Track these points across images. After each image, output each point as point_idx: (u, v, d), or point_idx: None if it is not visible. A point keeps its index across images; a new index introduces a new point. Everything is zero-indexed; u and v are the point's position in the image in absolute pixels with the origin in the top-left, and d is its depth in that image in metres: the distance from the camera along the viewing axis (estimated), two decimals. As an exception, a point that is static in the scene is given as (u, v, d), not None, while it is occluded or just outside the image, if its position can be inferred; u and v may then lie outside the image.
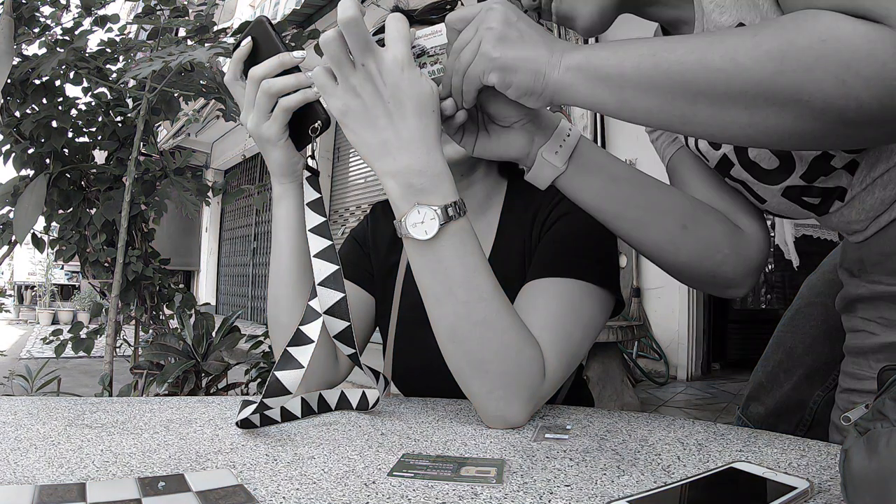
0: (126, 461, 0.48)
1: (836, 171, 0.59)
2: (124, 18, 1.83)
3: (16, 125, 1.73)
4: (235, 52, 0.65)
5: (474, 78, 0.54)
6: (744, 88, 0.46)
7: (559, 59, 0.52)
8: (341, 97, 0.56)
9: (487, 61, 0.53)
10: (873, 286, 0.64)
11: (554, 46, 0.53)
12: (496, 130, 0.63)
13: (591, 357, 2.91)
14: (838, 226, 0.66)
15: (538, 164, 0.63)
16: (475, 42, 0.54)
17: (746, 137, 0.50)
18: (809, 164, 0.60)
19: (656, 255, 0.67)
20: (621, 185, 0.64)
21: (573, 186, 0.64)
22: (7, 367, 2.23)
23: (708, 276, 0.67)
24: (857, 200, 0.61)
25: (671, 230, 0.65)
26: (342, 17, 0.52)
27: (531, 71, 0.52)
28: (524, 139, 0.62)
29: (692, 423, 0.62)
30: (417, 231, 0.56)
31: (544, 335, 0.64)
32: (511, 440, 0.57)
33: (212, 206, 10.15)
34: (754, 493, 0.42)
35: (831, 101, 0.44)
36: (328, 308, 0.64)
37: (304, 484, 0.44)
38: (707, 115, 0.49)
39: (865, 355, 0.66)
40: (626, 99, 0.51)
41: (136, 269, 1.88)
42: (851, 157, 0.58)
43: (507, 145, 0.63)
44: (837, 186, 0.61)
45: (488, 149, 0.63)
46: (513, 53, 0.52)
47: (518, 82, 0.53)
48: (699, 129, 0.51)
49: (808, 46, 0.44)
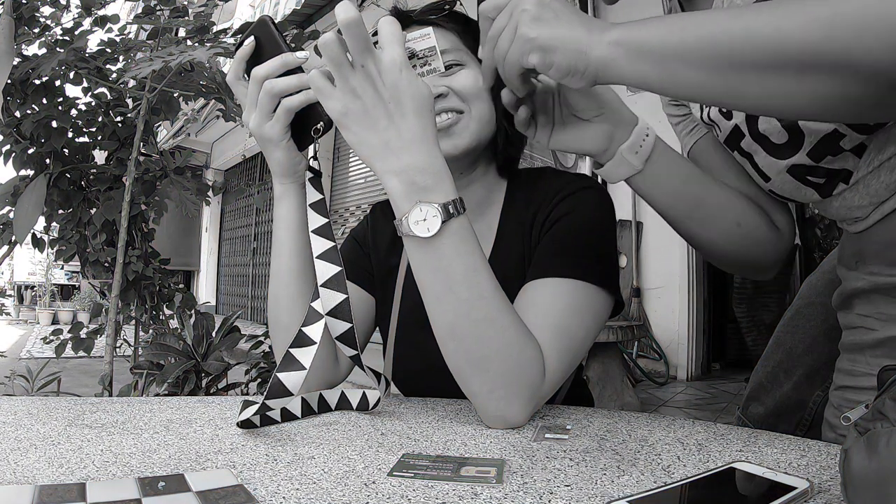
0: (126, 461, 0.48)
1: (843, 152, 0.59)
2: (124, 18, 1.83)
3: (16, 125, 1.73)
4: (238, 52, 0.65)
5: (514, 62, 0.54)
6: (792, 56, 0.45)
7: (599, 37, 0.51)
8: (341, 99, 0.56)
9: (525, 42, 0.52)
10: (872, 278, 0.63)
11: (591, 25, 0.53)
12: (574, 123, 0.63)
13: (591, 357, 2.91)
14: (839, 212, 0.65)
15: (616, 162, 0.63)
16: (511, 26, 0.53)
17: (795, 107, 0.49)
18: (819, 141, 0.59)
19: (707, 249, 0.72)
20: (691, 186, 0.66)
21: (646, 185, 0.65)
22: (7, 367, 2.23)
23: (746, 264, 0.74)
24: (862, 184, 0.60)
25: (728, 228, 0.69)
26: (342, 18, 0.52)
27: (572, 49, 0.52)
28: (603, 134, 0.63)
29: (692, 423, 0.62)
30: (420, 229, 0.56)
31: (544, 335, 0.64)
32: (511, 440, 0.57)
33: (212, 206, 10.15)
34: (754, 493, 0.42)
35: (881, 66, 0.43)
36: (330, 309, 0.64)
37: (304, 484, 0.44)
38: (755, 86, 0.48)
39: (862, 351, 0.65)
40: (672, 73, 0.50)
41: (136, 269, 1.88)
42: (860, 140, 0.58)
43: (585, 139, 0.63)
44: (843, 169, 0.60)
45: (564, 141, 0.64)
46: (551, 33, 0.52)
47: (559, 61, 0.52)
48: (748, 100, 0.50)
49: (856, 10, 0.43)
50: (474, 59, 0.80)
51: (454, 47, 0.79)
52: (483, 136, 0.79)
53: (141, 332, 2.10)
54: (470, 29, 0.82)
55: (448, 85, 0.76)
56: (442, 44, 0.76)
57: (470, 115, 0.77)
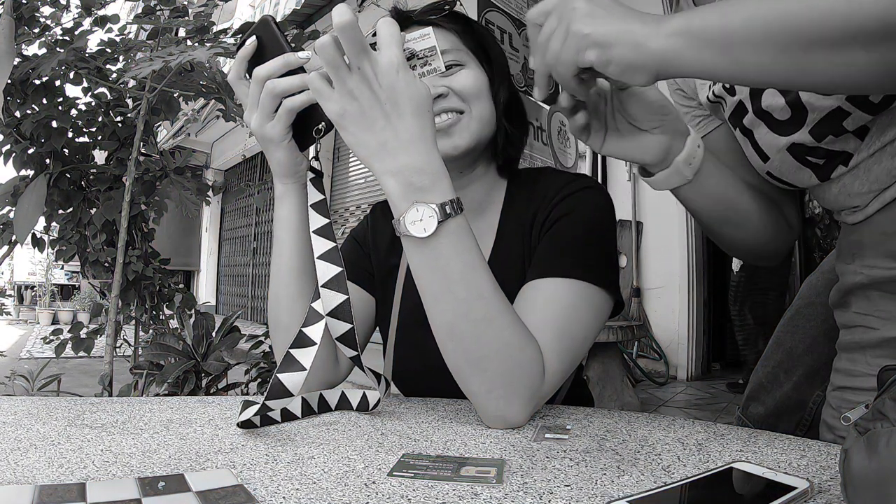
0: (126, 461, 0.48)
1: (845, 133, 0.59)
2: (124, 18, 1.83)
3: (16, 125, 1.73)
4: (240, 51, 0.65)
5: (570, 61, 0.52)
6: (860, 27, 0.44)
7: (656, 28, 0.50)
8: (338, 100, 0.56)
9: (580, 39, 0.51)
10: (870, 271, 0.63)
11: (645, 17, 0.51)
12: (631, 132, 0.62)
13: (591, 357, 2.91)
14: (837, 199, 0.65)
15: (669, 172, 0.63)
16: (562, 27, 0.52)
17: (866, 80, 0.48)
18: (822, 118, 0.59)
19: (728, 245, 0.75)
20: (728, 191, 0.67)
21: (691, 193, 0.66)
22: (7, 368, 2.23)
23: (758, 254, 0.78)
24: (863, 169, 0.60)
25: (758, 228, 0.71)
26: (337, 21, 0.52)
27: (630, 43, 0.50)
28: (661, 145, 0.62)
29: (692, 423, 0.62)
30: (416, 229, 0.57)
31: (544, 335, 0.64)
32: (511, 440, 0.57)
33: (212, 206, 10.15)
34: (754, 493, 0.42)
35: None
36: (331, 310, 0.64)
37: (304, 484, 0.44)
38: (824, 62, 0.47)
39: (863, 351, 0.65)
40: (737, 58, 0.48)
41: (136, 269, 1.88)
42: (864, 122, 0.57)
43: (641, 148, 0.63)
44: (843, 151, 0.60)
45: (619, 149, 0.63)
46: (606, 27, 0.50)
47: (618, 57, 0.50)
48: (817, 78, 0.49)
49: None
50: (474, 58, 0.80)
51: (454, 47, 0.79)
52: (483, 136, 0.79)
53: (141, 332, 2.10)
54: (470, 29, 0.82)
55: (448, 85, 0.76)
56: (442, 44, 0.76)
57: (470, 115, 0.77)
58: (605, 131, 0.64)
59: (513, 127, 0.83)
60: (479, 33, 0.83)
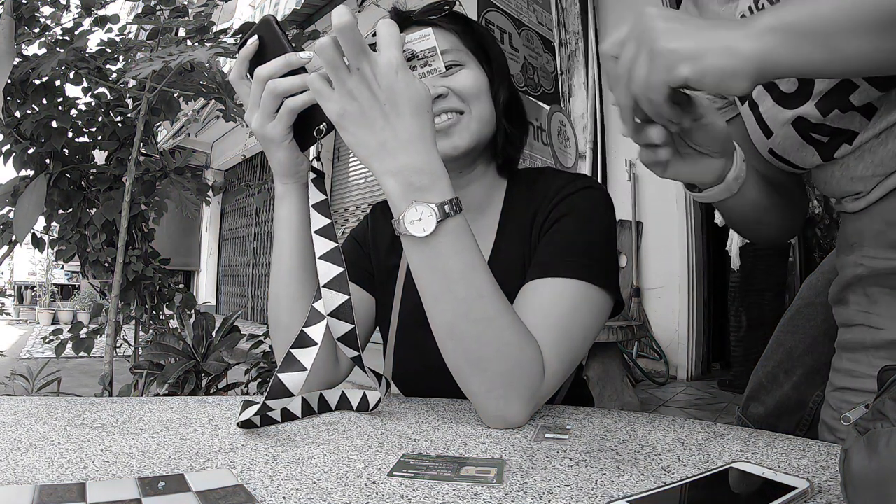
0: (126, 461, 0.48)
1: (851, 110, 0.58)
2: (124, 18, 1.83)
3: (16, 125, 1.73)
4: (241, 51, 0.65)
5: (660, 84, 0.49)
6: None
7: (744, 30, 0.47)
8: (338, 101, 0.56)
9: (668, 56, 0.48)
10: (870, 262, 0.62)
11: (728, 23, 0.49)
12: (693, 156, 0.61)
13: (591, 357, 2.91)
14: (840, 184, 0.64)
15: (722, 189, 0.65)
16: (644, 51, 0.49)
17: None
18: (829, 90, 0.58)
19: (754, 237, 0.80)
20: (763, 195, 0.69)
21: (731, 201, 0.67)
22: (7, 368, 2.23)
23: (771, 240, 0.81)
24: (868, 151, 0.59)
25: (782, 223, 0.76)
26: (337, 23, 0.52)
27: (721, 50, 0.47)
28: (720, 167, 0.63)
29: (692, 423, 0.62)
30: (415, 228, 0.57)
31: (544, 335, 0.64)
32: (511, 440, 0.57)
33: (212, 206, 10.16)
34: (754, 493, 0.42)
35: None
36: (332, 310, 0.64)
37: (304, 484, 0.44)
38: None
39: (866, 352, 0.64)
40: (836, 48, 0.46)
41: (136, 269, 1.88)
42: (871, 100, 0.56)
43: (704, 170, 0.63)
44: (848, 129, 0.59)
45: (682, 172, 0.63)
46: (692, 39, 0.47)
47: (713, 66, 0.47)
48: None
49: None
50: (474, 59, 0.80)
51: (454, 48, 0.79)
52: (483, 136, 0.79)
53: (141, 332, 2.10)
54: (470, 29, 0.82)
55: (448, 85, 0.76)
56: (442, 44, 0.76)
57: (470, 116, 0.77)
58: None
59: (512, 127, 0.84)
60: (478, 33, 0.83)
